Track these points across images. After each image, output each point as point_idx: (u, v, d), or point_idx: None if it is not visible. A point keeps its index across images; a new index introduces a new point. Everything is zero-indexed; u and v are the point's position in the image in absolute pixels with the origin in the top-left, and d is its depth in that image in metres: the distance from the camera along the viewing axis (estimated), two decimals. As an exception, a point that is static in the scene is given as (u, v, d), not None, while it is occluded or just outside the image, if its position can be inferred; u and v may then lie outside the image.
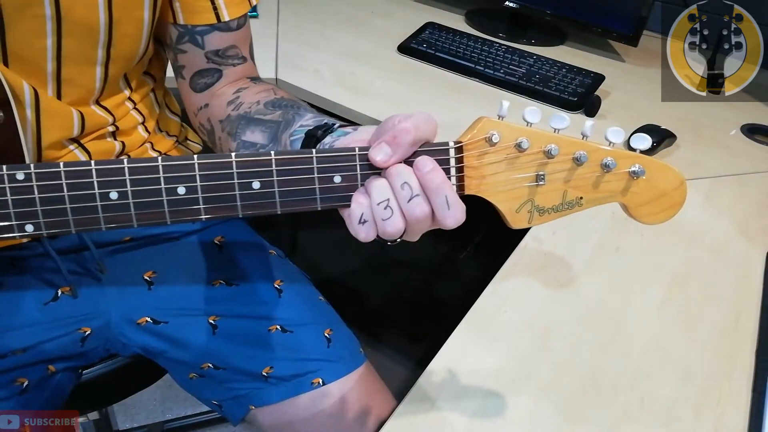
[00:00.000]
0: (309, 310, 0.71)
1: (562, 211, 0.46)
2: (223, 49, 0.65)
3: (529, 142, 0.43)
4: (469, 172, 0.44)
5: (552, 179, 0.45)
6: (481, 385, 0.60)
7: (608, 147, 0.44)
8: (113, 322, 0.68)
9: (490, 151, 0.44)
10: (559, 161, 0.44)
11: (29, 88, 0.55)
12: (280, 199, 0.43)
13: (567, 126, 0.44)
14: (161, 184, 0.42)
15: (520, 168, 0.44)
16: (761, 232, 0.82)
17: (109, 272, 0.68)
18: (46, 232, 0.42)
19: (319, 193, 0.43)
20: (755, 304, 0.71)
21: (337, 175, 0.43)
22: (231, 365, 0.68)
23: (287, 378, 0.66)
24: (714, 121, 1.07)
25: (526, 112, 0.43)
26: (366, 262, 1.70)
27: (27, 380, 0.63)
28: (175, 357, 0.69)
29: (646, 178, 0.45)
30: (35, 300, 0.65)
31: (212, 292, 0.70)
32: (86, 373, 0.72)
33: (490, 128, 0.43)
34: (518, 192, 0.45)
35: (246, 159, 0.42)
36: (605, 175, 0.45)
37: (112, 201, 0.41)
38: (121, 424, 1.35)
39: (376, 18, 1.30)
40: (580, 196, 0.45)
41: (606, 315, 0.69)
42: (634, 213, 0.46)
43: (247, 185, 0.42)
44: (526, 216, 0.46)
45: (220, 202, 0.43)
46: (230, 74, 0.67)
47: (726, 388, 0.62)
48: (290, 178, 0.43)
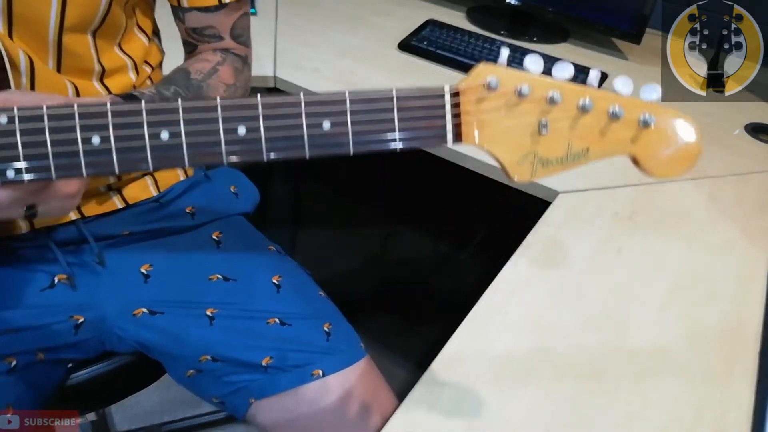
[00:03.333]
0: (308, 304, 0.71)
1: (567, 163, 0.43)
2: (200, 27, 0.69)
3: (530, 88, 0.41)
4: (467, 119, 0.42)
5: (555, 128, 0.42)
6: (482, 385, 0.59)
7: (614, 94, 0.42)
8: (109, 313, 0.68)
9: (489, 97, 0.41)
10: (563, 109, 0.41)
11: (25, 57, 0.55)
12: (267, 145, 0.41)
13: (571, 75, 0.41)
14: (144, 129, 0.41)
15: (521, 115, 0.42)
16: (765, 232, 0.82)
17: (107, 264, 0.69)
18: (26, 176, 0.41)
19: (307, 140, 0.42)
20: (758, 304, 0.71)
21: (327, 121, 0.41)
22: (229, 357, 0.68)
23: (286, 369, 0.66)
24: (717, 120, 1.07)
25: (527, 61, 0.41)
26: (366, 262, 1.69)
27: (16, 360, 0.63)
28: (172, 350, 0.69)
29: (656, 127, 0.42)
30: (32, 286, 0.65)
31: (209, 286, 0.70)
32: (84, 373, 0.72)
33: (489, 73, 0.41)
34: (520, 141, 0.42)
35: (231, 103, 0.41)
36: (612, 125, 0.42)
37: (94, 146, 0.40)
38: (119, 426, 1.34)
39: (376, 15, 1.30)
40: (586, 147, 0.42)
41: (608, 315, 0.68)
42: (645, 166, 0.43)
43: (233, 131, 0.41)
44: (529, 168, 0.43)
45: (204, 147, 0.41)
46: (204, 49, 0.71)
47: (728, 389, 0.61)
48: (277, 124, 0.41)
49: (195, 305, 0.68)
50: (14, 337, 0.63)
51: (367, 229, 1.72)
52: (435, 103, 0.42)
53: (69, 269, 0.66)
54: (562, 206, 0.83)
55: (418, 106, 0.42)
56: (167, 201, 0.72)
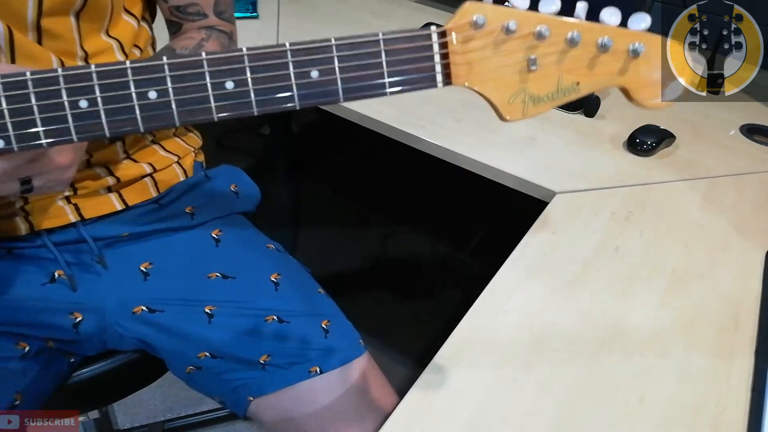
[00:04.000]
0: (307, 302, 0.71)
1: (558, 99, 0.42)
2: (183, 5, 0.69)
3: (517, 24, 0.40)
4: (456, 59, 0.41)
5: (545, 63, 0.41)
6: (481, 384, 0.60)
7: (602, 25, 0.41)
8: (109, 311, 0.68)
9: (476, 36, 0.41)
10: (552, 43, 0.41)
11: (3, 27, 0.54)
12: (256, 98, 0.41)
13: (558, 9, 0.41)
14: (131, 89, 0.40)
15: (509, 53, 0.41)
16: (760, 232, 0.83)
17: (106, 263, 0.69)
18: (17, 145, 0.40)
19: (296, 90, 0.41)
20: (754, 303, 0.72)
21: (314, 69, 0.41)
22: (228, 353, 0.68)
23: (284, 366, 0.67)
24: (713, 121, 1.07)
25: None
26: (366, 262, 1.70)
27: (28, 346, 0.64)
28: (171, 347, 0.69)
29: (645, 56, 0.41)
30: (32, 280, 0.66)
31: (208, 284, 0.70)
32: (87, 371, 0.72)
33: (475, 11, 0.40)
34: (509, 79, 0.41)
35: (217, 57, 0.40)
36: (602, 56, 0.41)
37: (82, 109, 0.40)
38: (121, 423, 1.35)
39: (376, 18, 1.30)
40: (576, 80, 0.42)
41: (605, 315, 0.69)
42: (636, 96, 0.43)
43: (221, 85, 0.40)
44: (520, 107, 0.42)
45: (194, 104, 0.41)
46: (188, 27, 0.71)
47: (725, 388, 0.62)
48: (265, 75, 0.40)
49: (194, 303, 0.69)
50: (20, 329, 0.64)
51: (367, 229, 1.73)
52: (422, 44, 0.41)
53: (69, 270, 0.66)
54: (560, 206, 0.84)
55: (406, 48, 0.41)
56: (167, 202, 0.73)
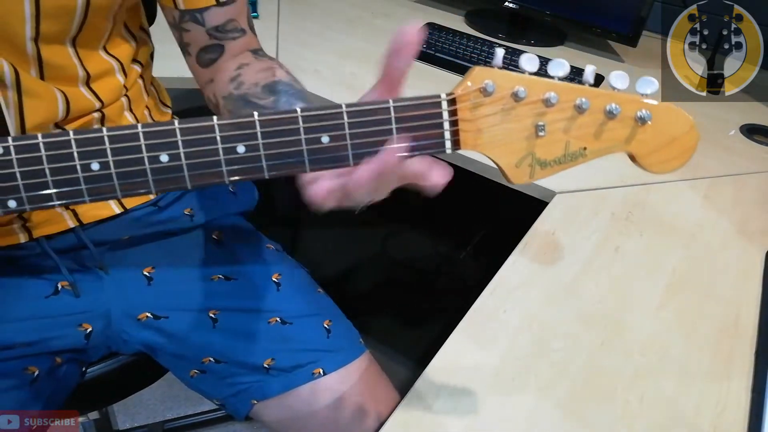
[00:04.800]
0: (308, 302, 0.72)
1: (565, 164, 0.43)
2: (222, 24, 0.66)
3: (526, 90, 0.41)
4: (465, 126, 0.42)
5: (553, 129, 0.42)
6: (481, 384, 0.60)
7: (610, 92, 0.42)
8: (114, 318, 0.68)
9: (486, 102, 0.41)
10: (560, 110, 0.41)
11: (9, 67, 0.54)
12: (267, 163, 0.41)
13: (567, 73, 0.41)
14: (143, 152, 0.40)
15: (518, 119, 0.41)
16: (760, 232, 0.83)
17: (109, 268, 0.69)
18: (29, 206, 0.40)
19: (307, 155, 0.41)
20: (754, 304, 0.72)
21: (325, 135, 0.41)
22: (232, 359, 0.68)
23: (288, 369, 0.67)
24: (713, 121, 1.07)
25: (523, 60, 0.41)
26: (365, 262, 1.70)
27: (38, 369, 0.63)
28: (175, 352, 0.69)
29: (653, 123, 0.42)
30: (36, 294, 0.65)
31: (211, 287, 0.70)
32: (87, 372, 0.72)
33: (485, 77, 0.41)
34: (517, 145, 0.42)
35: (229, 122, 0.40)
36: (609, 123, 0.42)
37: (94, 172, 0.40)
38: (121, 424, 1.35)
39: (376, 18, 1.30)
40: (583, 146, 0.42)
41: (605, 315, 0.69)
42: (643, 162, 0.43)
43: (232, 149, 0.41)
44: (527, 171, 0.43)
45: (205, 168, 0.41)
46: (232, 48, 0.67)
47: (725, 388, 0.62)
48: (276, 141, 0.41)
49: (198, 307, 0.69)
50: (29, 349, 0.64)
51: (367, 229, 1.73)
52: (432, 111, 0.42)
53: (71, 277, 0.66)
54: (560, 206, 0.84)
55: (416, 115, 0.41)
56: (165, 204, 0.72)
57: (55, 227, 0.65)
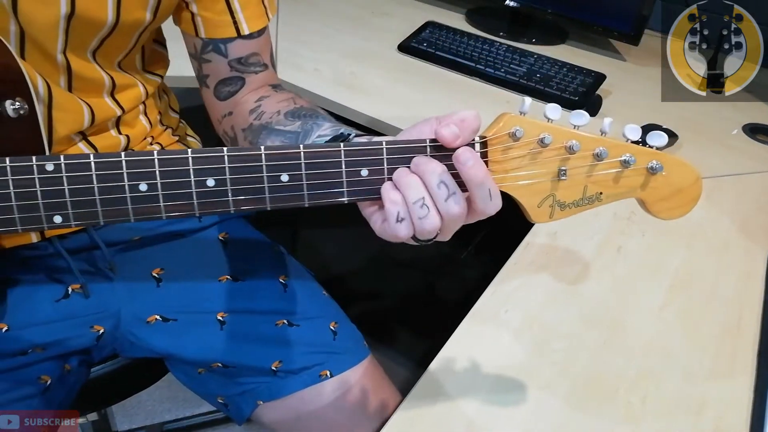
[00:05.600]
0: (314, 303, 0.72)
1: (582, 206, 0.47)
2: (245, 56, 0.66)
3: (551, 137, 0.44)
4: (493, 167, 0.45)
5: (573, 174, 0.46)
6: (482, 384, 0.59)
7: (626, 143, 0.46)
8: (123, 320, 0.68)
9: (514, 146, 0.45)
10: (581, 157, 0.45)
11: (43, 82, 0.55)
12: (308, 192, 0.44)
13: (587, 123, 0.45)
14: (191, 177, 0.42)
15: (542, 163, 0.45)
16: (763, 232, 0.82)
17: (118, 270, 0.69)
18: (74, 223, 0.42)
19: (346, 186, 0.44)
20: (757, 304, 0.71)
21: (365, 168, 0.44)
22: (240, 363, 0.68)
23: (295, 371, 0.67)
24: (716, 120, 1.07)
25: (548, 109, 0.44)
26: (366, 263, 1.70)
27: (50, 378, 0.64)
28: (184, 356, 0.69)
29: (664, 173, 0.46)
30: (47, 297, 0.66)
31: (219, 288, 0.70)
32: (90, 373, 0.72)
33: (514, 124, 0.44)
34: (540, 186, 0.46)
35: (275, 152, 0.43)
36: (624, 171, 0.46)
37: (141, 193, 0.42)
38: (120, 425, 1.34)
39: (376, 17, 1.30)
40: (600, 191, 0.46)
41: (607, 315, 0.68)
42: (652, 208, 0.48)
43: (276, 178, 0.43)
44: (547, 210, 0.46)
45: (249, 194, 0.43)
46: (253, 82, 0.67)
47: (727, 389, 0.61)
48: (318, 172, 0.43)
49: (207, 309, 0.69)
50: (42, 354, 0.64)
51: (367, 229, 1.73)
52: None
53: (82, 278, 0.66)
54: (562, 206, 0.83)
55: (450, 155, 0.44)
56: None
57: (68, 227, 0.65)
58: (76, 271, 0.65)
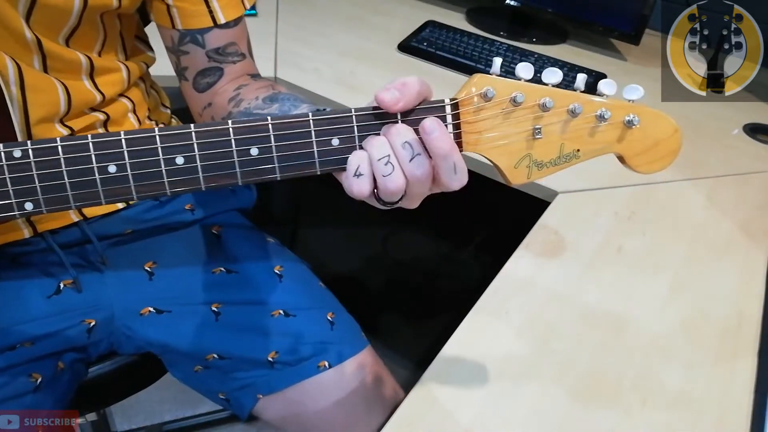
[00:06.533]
0: (310, 294, 0.72)
1: (560, 165, 0.46)
2: (222, 46, 0.66)
3: (523, 96, 0.43)
4: (466, 128, 0.44)
5: (548, 132, 0.45)
6: (483, 384, 0.59)
7: (602, 99, 0.45)
8: (116, 314, 0.68)
9: (486, 107, 0.44)
10: (555, 114, 0.44)
11: (12, 63, 0.55)
12: (279, 164, 0.43)
13: (560, 80, 0.44)
14: (159, 155, 0.42)
15: (516, 122, 0.44)
16: (764, 232, 0.82)
17: (111, 264, 0.69)
18: (45, 208, 0.42)
19: (317, 157, 0.43)
20: (758, 304, 0.71)
21: (335, 137, 0.43)
22: (235, 354, 0.68)
23: (293, 363, 0.66)
24: (716, 120, 1.07)
25: (519, 68, 0.44)
26: (366, 262, 1.69)
27: (41, 376, 0.63)
28: (178, 348, 0.69)
29: (640, 126, 0.45)
30: (38, 293, 0.65)
31: (213, 280, 0.70)
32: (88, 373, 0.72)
33: (485, 84, 0.43)
34: (516, 146, 0.45)
35: (243, 125, 0.42)
36: (600, 126, 0.45)
37: (110, 174, 0.42)
38: (119, 426, 1.34)
39: (376, 16, 1.30)
40: (576, 148, 0.45)
41: (608, 315, 0.68)
42: (631, 162, 0.46)
43: (246, 152, 0.43)
44: (524, 171, 0.46)
45: (220, 170, 0.43)
46: (231, 72, 0.67)
47: (728, 389, 0.61)
48: (288, 143, 0.43)
49: (200, 300, 0.69)
50: (32, 350, 0.64)
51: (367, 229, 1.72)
52: (436, 114, 0.44)
53: (74, 272, 0.66)
54: (562, 206, 0.83)
55: (421, 118, 0.43)
56: (167, 199, 0.73)
57: (60, 221, 0.65)
58: (68, 265, 0.65)
